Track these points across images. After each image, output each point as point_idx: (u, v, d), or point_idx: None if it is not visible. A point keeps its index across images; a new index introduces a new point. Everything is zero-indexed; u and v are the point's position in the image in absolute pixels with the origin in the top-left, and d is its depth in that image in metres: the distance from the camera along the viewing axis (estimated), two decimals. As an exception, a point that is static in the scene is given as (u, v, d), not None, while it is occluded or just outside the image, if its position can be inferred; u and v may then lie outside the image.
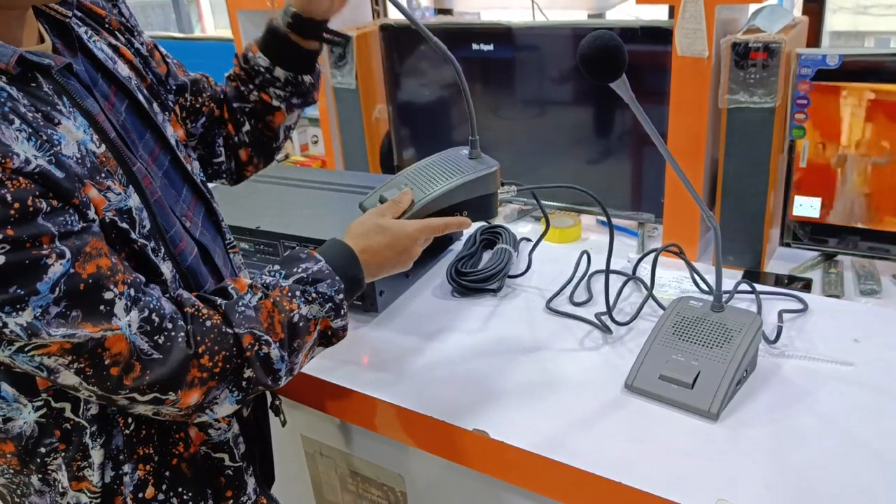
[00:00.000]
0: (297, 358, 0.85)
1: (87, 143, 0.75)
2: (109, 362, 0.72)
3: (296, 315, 0.83)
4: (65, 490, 0.84)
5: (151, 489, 0.86)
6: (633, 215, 1.93)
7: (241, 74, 1.11)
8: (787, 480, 0.85)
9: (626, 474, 0.87)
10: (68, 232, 0.69)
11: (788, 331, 1.12)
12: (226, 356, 0.78)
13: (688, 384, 0.97)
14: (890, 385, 0.99)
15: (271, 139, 1.14)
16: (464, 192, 1.01)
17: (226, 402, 0.80)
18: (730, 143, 1.65)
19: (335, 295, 0.87)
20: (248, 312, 0.81)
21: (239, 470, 0.94)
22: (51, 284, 0.67)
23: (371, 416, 1.08)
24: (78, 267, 0.69)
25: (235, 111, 1.12)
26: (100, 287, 0.71)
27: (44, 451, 0.82)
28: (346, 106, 2.30)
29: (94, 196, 0.74)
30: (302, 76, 1.10)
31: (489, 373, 1.08)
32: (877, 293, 1.59)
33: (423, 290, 1.34)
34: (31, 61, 0.72)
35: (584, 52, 0.80)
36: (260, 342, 0.80)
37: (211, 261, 0.94)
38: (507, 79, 2.02)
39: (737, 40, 1.57)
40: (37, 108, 0.71)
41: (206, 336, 0.78)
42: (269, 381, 0.82)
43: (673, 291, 1.24)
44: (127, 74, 0.90)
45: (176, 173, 0.92)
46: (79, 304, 0.69)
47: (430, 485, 1.16)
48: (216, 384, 0.78)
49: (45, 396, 0.80)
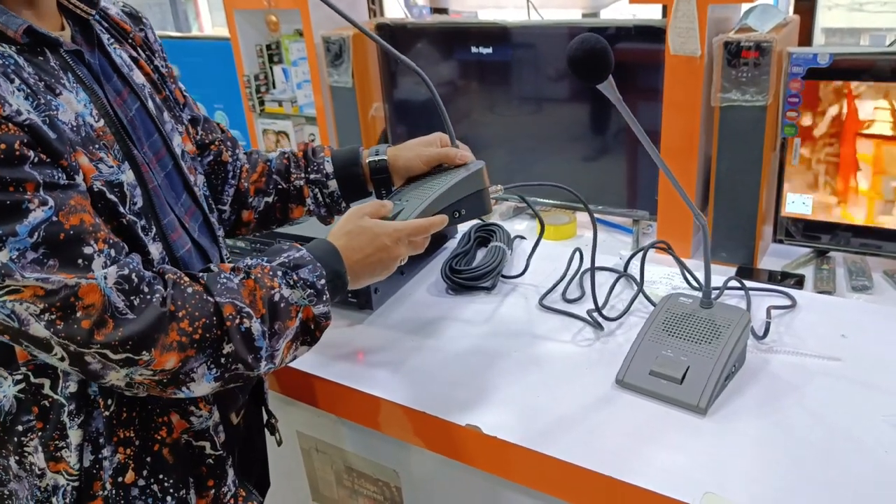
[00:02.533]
0: (278, 343, 0.84)
1: (86, 115, 0.78)
2: (81, 314, 0.71)
3: (276, 294, 0.83)
4: (42, 472, 0.84)
5: (132, 474, 0.86)
6: (628, 212, 1.95)
7: (300, 160, 1.15)
8: (774, 473, 0.87)
9: (616, 468, 0.89)
10: (53, 184, 0.70)
11: (777, 326, 1.13)
12: (205, 324, 0.78)
13: (677, 379, 0.99)
14: (876, 379, 1.01)
15: (277, 220, 1.18)
16: (455, 192, 1.03)
17: (203, 378, 0.79)
18: (722, 140, 1.66)
19: (316, 280, 0.87)
20: (231, 285, 0.81)
21: (220, 459, 0.94)
22: (30, 228, 0.68)
23: (366, 413, 1.10)
24: (61, 217, 0.70)
25: (272, 181, 1.14)
26: (80, 241, 0.71)
27: (20, 429, 0.82)
28: (343, 104, 2.32)
29: (84, 163, 0.75)
30: (346, 202, 1.15)
31: (482, 369, 1.10)
32: (868, 289, 1.60)
33: (418, 288, 1.35)
34: (40, 33, 0.75)
35: (572, 54, 0.82)
36: (241, 314, 0.80)
37: (208, 262, 0.95)
38: (504, 77, 2.04)
39: (729, 39, 1.58)
40: (40, 77, 0.74)
41: (186, 301, 0.78)
42: (250, 359, 0.81)
43: (664, 288, 1.26)
44: (141, 83, 0.92)
45: (178, 178, 0.94)
46: (57, 252, 0.70)
47: (425, 480, 1.18)
48: (195, 353, 0.77)
49: (24, 371, 0.80)
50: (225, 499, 0.95)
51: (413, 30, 2.15)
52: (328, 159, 1.14)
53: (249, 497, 1.02)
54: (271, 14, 2.52)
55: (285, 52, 2.54)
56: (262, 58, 2.57)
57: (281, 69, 2.56)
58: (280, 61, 2.58)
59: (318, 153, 1.15)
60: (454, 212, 1.03)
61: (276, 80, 2.60)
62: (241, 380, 0.83)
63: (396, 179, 1.13)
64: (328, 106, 2.36)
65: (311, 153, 1.15)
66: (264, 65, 2.58)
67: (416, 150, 1.11)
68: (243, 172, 1.14)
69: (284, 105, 2.57)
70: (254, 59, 2.57)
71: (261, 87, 2.60)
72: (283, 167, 1.15)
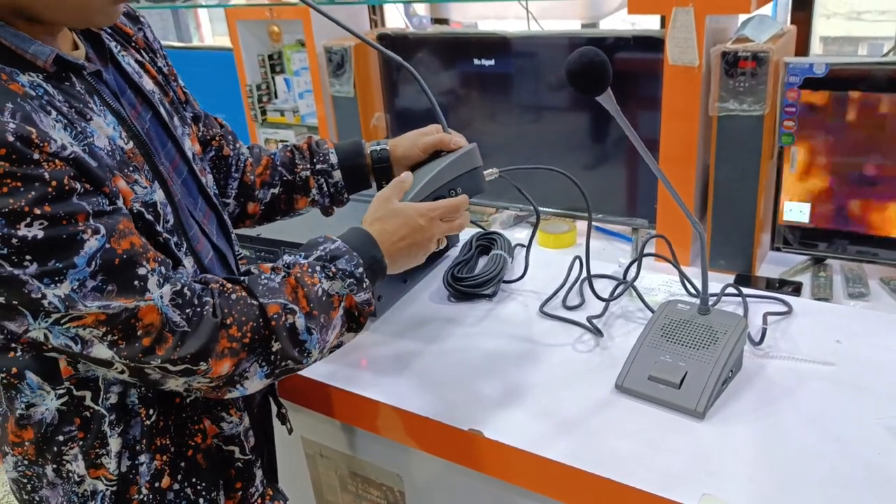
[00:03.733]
0: (326, 336, 0.87)
1: (116, 139, 0.80)
2: (142, 333, 0.75)
3: (318, 289, 0.86)
4: (81, 478, 0.86)
5: (167, 479, 0.89)
6: (628, 221, 1.97)
7: (305, 152, 1.18)
8: (770, 476, 0.88)
9: (616, 471, 0.91)
10: (101, 211, 0.73)
11: (773, 332, 1.15)
12: (253, 327, 0.81)
13: (675, 384, 1.01)
14: (869, 384, 1.03)
15: (281, 212, 1.20)
16: (450, 171, 1.06)
17: (255, 376, 0.83)
18: (720, 149, 1.68)
19: (354, 269, 0.89)
20: (272, 285, 0.84)
21: (248, 462, 0.97)
22: (87, 258, 0.71)
23: (370, 418, 1.12)
24: (113, 242, 0.73)
25: (277, 173, 1.17)
26: (134, 263, 0.74)
27: (61, 439, 0.85)
28: (345, 114, 2.34)
29: (123, 187, 0.78)
30: (348, 192, 1.19)
31: (484, 374, 1.12)
32: (865, 296, 1.62)
33: (421, 295, 1.37)
34: (66, 61, 0.77)
35: (571, 67, 0.84)
36: (286, 311, 0.83)
37: (227, 266, 0.99)
38: (504, 86, 2.06)
39: (726, 49, 1.60)
40: (70, 104, 0.76)
41: (232, 308, 0.81)
42: (297, 352, 0.84)
43: (662, 295, 1.28)
44: (151, 88, 0.94)
45: (193, 183, 0.96)
46: (114, 277, 0.73)
47: (428, 484, 1.19)
48: (246, 356, 0.81)
49: (67, 385, 0.83)
50: (252, 499, 0.99)
51: (414, 40, 2.18)
52: (332, 151, 1.17)
53: (276, 496, 1.06)
54: (273, 24, 2.55)
55: (287, 62, 2.57)
56: (265, 68, 2.60)
57: (283, 79, 2.59)
58: (282, 71, 2.60)
59: (322, 145, 1.18)
60: (450, 190, 1.06)
61: (278, 90, 2.62)
62: (290, 373, 0.87)
63: (396, 169, 1.15)
64: (330, 115, 2.38)
65: (315, 145, 1.18)
66: (266, 75, 2.60)
67: (413, 139, 1.14)
68: (248, 166, 1.17)
69: (286, 115, 2.59)
70: (256, 69, 2.59)
71: (263, 97, 2.62)
72: (287, 159, 1.18)
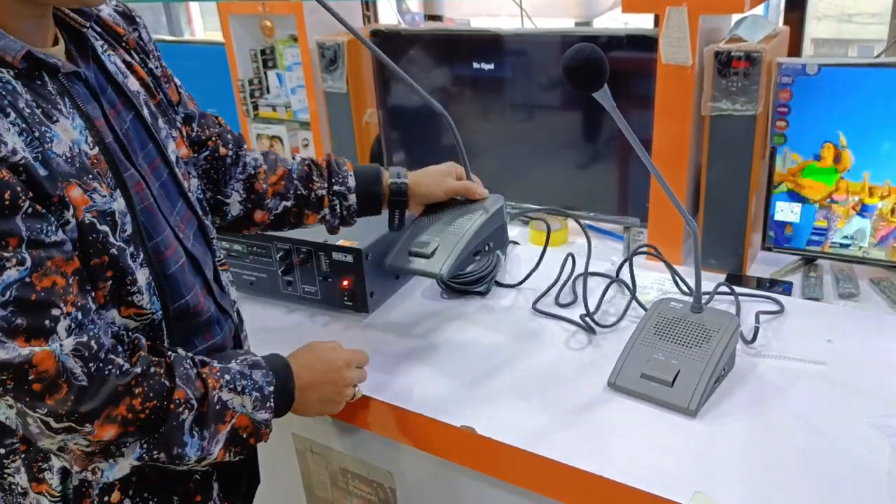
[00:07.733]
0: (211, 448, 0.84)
1: (81, 143, 0.78)
2: (34, 377, 0.71)
3: (216, 395, 0.84)
4: (25, 491, 0.85)
5: (118, 493, 0.88)
6: (619, 219, 1.97)
7: (323, 169, 1.17)
8: (761, 474, 0.89)
9: (608, 469, 0.91)
10: (38, 241, 0.71)
11: (765, 331, 1.16)
12: (155, 406, 0.79)
13: (668, 382, 1.01)
14: (859, 383, 1.03)
15: (290, 224, 1.20)
16: (484, 230, 1.12)
17: (132, 454, 0.80)
18: (712, 149, 1.69)
19: (266, 385, 0.89)
20: (190, 374, 0.83)
21: (207, 475, 0.97)
22: (2, 287, 0.69)
23: (361, 414, 1.11)
24: (35, 278, 0.70)
25: (292, 186, 1.16)
26: (49, 304, 0.72)
27: (3, 451, 0.84)
28: (337, 110, 2.33)
29: (77, 196, 0.76)
30: (359, 215, 1.19)
31: (477, 371, 1.12)
32: (855, 296, 1.63)
33: (413, 291, 1.37)
34: (38, 58, 0.75)
35: (568, 63, 0.84)
36: (186, 405, 0.81)
37: (202, 273, 0.97)
38: (497, 84, 2.06)
39: (719, 49, 1.60)
40: (38, 103, 0.74)
41: (148, 380, 0.79)
42: (175, 448, 0.81)
43: (655, 293, 1.28)
44: (136, 90, 0.93)
45: (172, 186, 0.95)
46: (25, 313, 0.70)
47: (419, 481, 1.19)
48: (135, 430, 0.78)
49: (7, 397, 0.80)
50: None
51: (407, 36, 2.17)
52: (351, 174, 1.17)
53: None
54: (266, 19, 2.53)
55: (280, 57, 2.56)
56: (257, 63, 2.58)
57: (275, 74, 2.57)
58: (274, 66, 2.59)
59: (342, 166, 1.17)
60: (484, 245, 1.14)
61: (271, 85, 2.61)
62: (160, 464, 0.83)
63: (413, 204, 1.16)
64: (322, 111, 2.37)
65: (335, 165, 1.17)
66: (259, 70, 2.59)
67: (436, 178, 1.15)
68: (261, 173, 1.15)
69: (278, 110, 2.58)
70: (248, 64, 2.58)
71: (255, 92, 2.61)
72: (304, 174, 1.16)
